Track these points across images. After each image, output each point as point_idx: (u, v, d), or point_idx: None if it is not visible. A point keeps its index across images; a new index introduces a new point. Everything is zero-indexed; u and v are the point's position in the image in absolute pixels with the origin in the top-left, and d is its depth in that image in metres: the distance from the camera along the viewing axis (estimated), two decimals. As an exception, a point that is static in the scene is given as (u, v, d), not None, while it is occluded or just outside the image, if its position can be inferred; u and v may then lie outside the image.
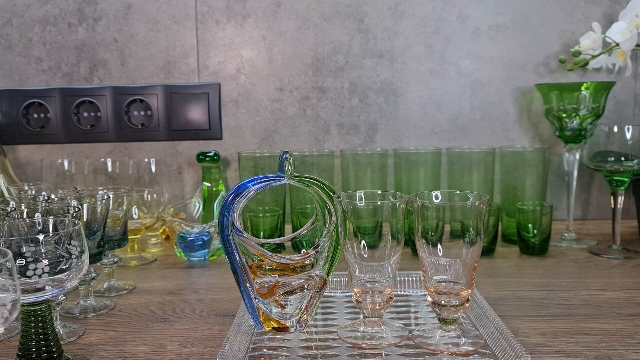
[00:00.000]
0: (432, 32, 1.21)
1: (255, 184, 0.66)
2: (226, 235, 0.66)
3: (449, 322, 0.66)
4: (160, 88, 1.24)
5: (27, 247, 0.57)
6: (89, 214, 0.78)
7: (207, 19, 1.22)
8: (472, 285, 0.65)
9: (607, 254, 1.03)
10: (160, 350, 0.67)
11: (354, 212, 0.67)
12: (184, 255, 1.03)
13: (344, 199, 0.67)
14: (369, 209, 0.68)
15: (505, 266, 0.98)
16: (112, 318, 0.78)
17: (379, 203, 0.69)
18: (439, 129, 1.24)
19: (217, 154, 1.17)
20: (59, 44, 1.23)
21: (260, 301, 0.68)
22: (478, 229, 0.64)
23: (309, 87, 1.23)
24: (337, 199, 0.68)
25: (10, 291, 0.50)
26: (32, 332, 0.59)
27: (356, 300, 0.68)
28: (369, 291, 0.67)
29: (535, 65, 1.22)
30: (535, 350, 0.65)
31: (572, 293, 0.84)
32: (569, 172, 1.13)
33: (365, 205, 0.68)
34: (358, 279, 0.68)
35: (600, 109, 1.08)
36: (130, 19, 1.22)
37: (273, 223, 1.08)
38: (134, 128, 1.25)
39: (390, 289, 0.68)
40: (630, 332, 0.70)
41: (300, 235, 0.74)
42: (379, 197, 0.73)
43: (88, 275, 0.79)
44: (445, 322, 0.66)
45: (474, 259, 0.64)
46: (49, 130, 1.25)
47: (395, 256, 0.67)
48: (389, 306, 0.69)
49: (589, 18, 1.19)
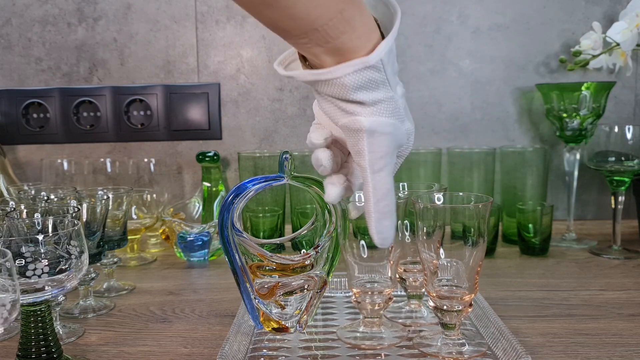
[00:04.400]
0: (433, 31, 1.21)
1: (255, 184, 0.66)
2: (226, 236, 0.66)
3: (450, 327, 0.64)
4: (160, 88, 1.23)
5: (26, 247, 0.56)
6: (89, 214, 0.78)
7: (207, 18, 1.22)
8: (475, 289, 0.64)
9: (607, 254, 1.03)
10: (160, 351, 0.67)
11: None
12: (183, 256, 1.03)
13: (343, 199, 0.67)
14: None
15: (505, 266, 0.98)
16: (111, 318, 0.78)
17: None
18: (439, 129, 1.24)
19: (216, 154, 1.17)
20: (58, 43, 1.23)
21: (260, 302, 0.68)
22: (481, 232, 0.62)
23: (309, 87, 1.23)
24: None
25: (9, 291, 0.50)
26: (31, 332, 0.59)
27: (355, 300, 0.68)
28: (368, 291, 0.67)
29: (535, 65, 1.22)
30: (535, 350, 0.65)
31: (573, 293, 0.84)
32: (570, 172, 1.13)
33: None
34: (357, 280, 0.68)
35: (601, 109, 1.08)
36: (129, 18, 1.22)
37: (273, 223, 1.07)
38: (133, 128, 1.24)
39: (389, 289, 0.67)
40: (631, 332, 0.70)
41: (300, 235, 0.74)
42: None
43: (88, 276, 0.79)
44: (446, 327, 0.64)
45: (477, 262, 0.63)
46: (48, 130, 1.25)
47: (394, 256, 0.67)
48: (388, 307, 0.69)
49: (589, 18, 1.18)
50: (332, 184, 0.59)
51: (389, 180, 0.54)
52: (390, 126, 0.53)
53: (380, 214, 0.54)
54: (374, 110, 0.52)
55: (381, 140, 0.53)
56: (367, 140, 0.52)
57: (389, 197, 0.54)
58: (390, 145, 0.54)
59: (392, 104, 0.53)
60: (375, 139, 0.52)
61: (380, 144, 0.53)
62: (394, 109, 0.53)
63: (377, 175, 0.53)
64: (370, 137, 0.52)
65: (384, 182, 0.53)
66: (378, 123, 0.52)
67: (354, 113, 0.52)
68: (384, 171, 0.53)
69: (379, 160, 0.53)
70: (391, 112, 0.53)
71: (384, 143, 0.53)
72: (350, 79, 0.50)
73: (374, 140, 0.52)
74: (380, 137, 0.52)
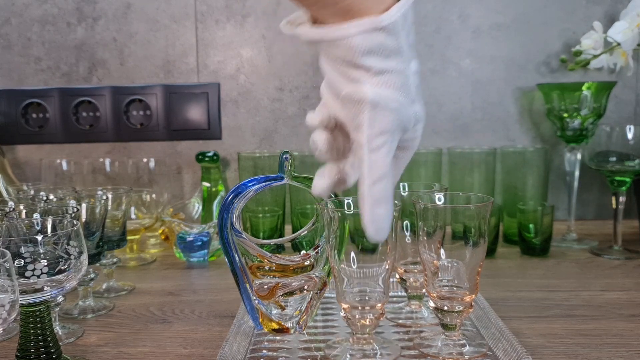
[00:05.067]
0: (433, 31, 1.21)
1: (255, 184, 0.66)
2: (225, 236, 0.66)
3: (451, 327, 0.64)
4: (160, 88, 1.23)
5: (25, 248, 0.56)
6: (88, 215, 0.78)
7: (207, 18, 1.22)
8: (476, 290, 0.63)
9: (608, 254, 1.03)
10: (160, 351, 0.67)
11: (343, 219, 0.61)
12: (183, 256, 1.03)
13: (332, 206, 0.62)
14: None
15: (506, 267, 0.98)
16: (111, 319, 0.77)
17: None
18: (439, 129, 1.23)
19: (216, 154, 1.17)
20: (57, 43, 1.23)
21: (260, 302, 0.67)
22: (481, 232, 0.62)
23: (309, 86, 1.23)
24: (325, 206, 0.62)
25: (8, 292, 0.50)
26: (30, 333, 0.59)
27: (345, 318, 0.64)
28: (358, 306, 0.62)
29: (536, 64, 1.21)
30: (536, 351, 0.64)
31: (573, 294, 0.84)
32: (570, 172, 1.12)
33: (354, 214, 0.62)
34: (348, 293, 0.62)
35: (602, 108, 1.08)
36: (129, 18, 1.22)
37: (273, 223, 1.07)
38: (133, 128, 1.24)
39: (380, 303, 0.62)
40: (632, 332, 0.70)
41: (300, 236, 0.73)
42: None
43: (87, 276, 0.79)
44: (447, 328, 0.64)
45: (478, 263, 0.62)
46: (47, 130, 1.24)
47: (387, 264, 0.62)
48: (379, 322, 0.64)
49: (590, 17, 1.18)
50: (320, 175, 0.55)
51: (386, 162, 0.50)
52: (396, 102, 0.49)
53: (374, 199, 0.50)
54: (381, 81, 0.48)
55: (384, 115, 0.49)
56: (369, 113, 0.48)
57: (385, 181, 0.50)
58: (393, 123, 0.50)
59: (402, 77, 0.49)
60: (378, 113, 0.48)
61: (382, 119, 0.49)
62: (403, 84, 0.49)
63: (374, 154, 0.49)
64: (372, 109, 0.48)
65: (380, 163, 0.50)
66: (383, 96, 0.48)
67: (359, 81, 0.48)
68: (382, 150, 0.49)
69: (378, 136, 0.49)
70: (400, 87, 0.49)
71: (386, 119, 0.49)
72: (359, 40, 0.46)
73: (376, 114, 0.48)
74: (383, 112, 0.49)
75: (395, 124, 0.50)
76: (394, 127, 0.50)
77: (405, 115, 0.50)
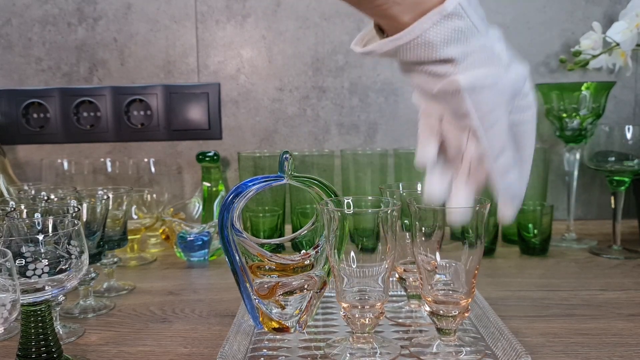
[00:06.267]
0: (432, 31, 1.21)
1: (255, 184, 0.66)
2: (226, 236, 0.66)
3: (447, 332, 0.63)
4: (160, 88, 1.23)
5: (26, 247, 0.56)
6: (89, 214, 0.78)
7: (207, 18, 1.22)
8: (471, 293, 0.63)
9: (607, 254, 1.03)
10: (160, 351, 0.67)
11: (343, 219, 0.61)
12: (183, 256, 1.03)
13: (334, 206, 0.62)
14: (362, 217, 0.63)
15: (505, 266, 0.98)
16: (111, 318, 0.78)
17: (369, 212, 0.64)
18: (439, 129, 1.23)
19: (216, 154, 1.17)
20: (58, 43, 1.23)
21: (260, 301, 0.68)
22: (478, 233, 0.61)
23: (309, 86, 1.23)
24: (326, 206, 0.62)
25: (9, 291, 0.50)
26: (31, 332, 0.59)
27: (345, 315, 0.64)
28: (357, 306, 0.62)
29: (535, 64, 1.22)
30: (535, 350, 0.65)
31: (573, 293, 0.84)
32: (570, 172, 1.13)
33: (354, 214, 0.63)
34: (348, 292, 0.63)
35: (601, 108, 1.08)
36: (129, 18, 1.22)
37: (273, 223, 1.07)
38: (133, 128, 1.24)
39: (380, 303, 0.63)
40: (631, 332, 0.70)
41: (300, 235, 0.74)
42: (371, 203, 0.66)
43: (88, 276, 0.79)
44: (443, 333, 0.63)
45: (474, 266, 0.61)
46: (48, 130, 1.25)
47: (387, 263, 0.62)
48: (378, 322, 0.64)
49: (589, 18, 1.18)
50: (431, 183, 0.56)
51: (502, 136, 0.50)
52: (490, 77, 0.48)
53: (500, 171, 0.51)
54: (467, 65, 0.47)
55: (484, 95, 0.48)
56: (470, 99, 0.47)
57: (506, 153, 0.51)
58: (498, 97, 0.49)
59: (485, 52, 0.48)
60: (478, 95, 0.47)
61: (486, 99, 0.48)
62: (488, 57, 0.48)
63: (490, 132, 0.49)
64: (472, 94, 0.47)
65: (498, 138, 0.49)
66: (475, 77, 0.47)
67: (446, 74, 0.47)
68: (496, 127, 0.49)
69: (488, 115, 0.48)
70: (487, 61, 0.48)
71: (489, 97, 0.48)
72: (434, 34, 0.45)
73: (477, 97, 0.47)
74: (482, 92, 0.48)
75: (501, 97, 0.49)
76: (501, 100, 0.49)
77: (505, 84, 0.49)
